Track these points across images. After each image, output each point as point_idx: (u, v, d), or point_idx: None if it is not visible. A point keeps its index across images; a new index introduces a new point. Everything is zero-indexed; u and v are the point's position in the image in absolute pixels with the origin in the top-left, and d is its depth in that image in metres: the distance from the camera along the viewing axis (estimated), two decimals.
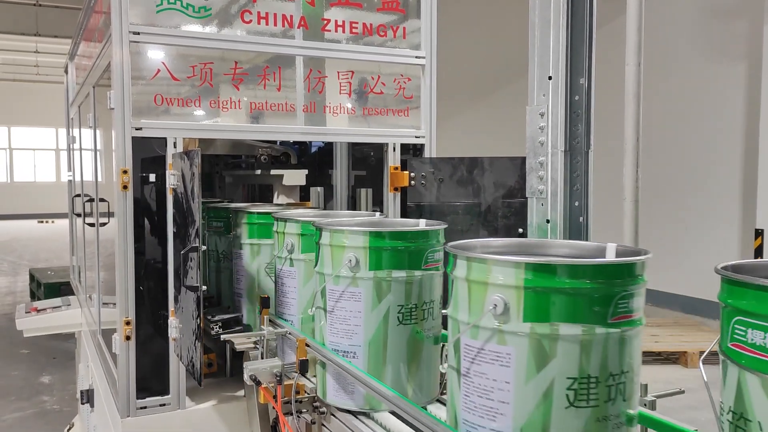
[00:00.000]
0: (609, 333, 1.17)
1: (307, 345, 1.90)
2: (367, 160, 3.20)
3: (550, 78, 1.79)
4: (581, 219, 1.83)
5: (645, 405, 1.37)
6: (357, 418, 1.87)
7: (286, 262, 2.18)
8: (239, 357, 2.55)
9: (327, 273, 1.82)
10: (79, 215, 4.19)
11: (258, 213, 2.55)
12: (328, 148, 3.36)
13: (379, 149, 2.90)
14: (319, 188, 3.38)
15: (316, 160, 3.57)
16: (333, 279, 1.78)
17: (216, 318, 2.41)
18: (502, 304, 1.19)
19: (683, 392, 1.43)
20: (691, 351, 5.86)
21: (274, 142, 3.44)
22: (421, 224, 1.94)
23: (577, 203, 1.83)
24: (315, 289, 1.92)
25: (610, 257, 1.36)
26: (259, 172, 3.48)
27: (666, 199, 7.74)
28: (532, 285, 1.17)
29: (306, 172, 3.55)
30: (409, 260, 1.74)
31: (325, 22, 2.66)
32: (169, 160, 2.35)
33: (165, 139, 2.37)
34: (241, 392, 2.54)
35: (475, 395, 1.25)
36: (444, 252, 1.80)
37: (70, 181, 5.01)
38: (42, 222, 21.36)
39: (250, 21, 2.50)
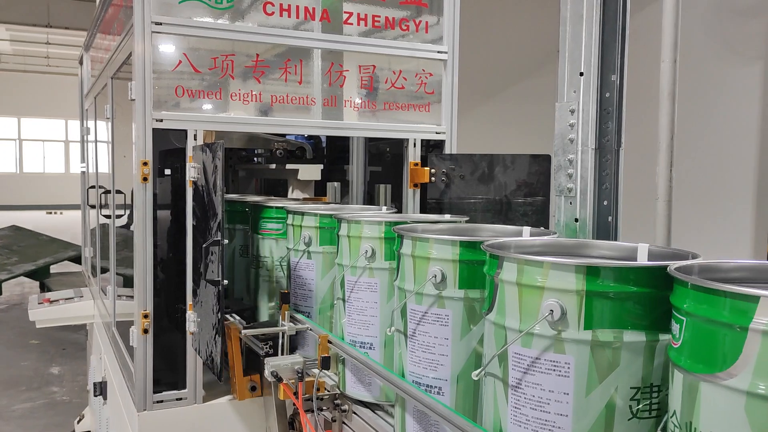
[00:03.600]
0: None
1: (330, 342, 1.88)
2: (383, 155, 3.18)
3: (581, 74, 1.76)
4: (610, 218, 1.80)
5: None
6: (377, 414, 1.85)
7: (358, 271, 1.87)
8: (254, 352, 2.53)
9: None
10: (93, 207, 4.18)
11: (324, 215, 2.19)
12: (343, 144, 3.34)
13: (396, 145, 2.87)
14: (335, 183, 3.36)
15: (333, 155, 3.55)
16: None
17: (264, 337, 2.15)
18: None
19: None
20: None
21: (291, 135, 3.42)
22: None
23: (606, 202, 1.80)
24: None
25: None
26: (273, 166, 3.47)
27: (677, 200, 7.68)
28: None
29: (321, 167, 3.53)
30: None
31: (347, 15, 2.63)
32: (189, 153, 2.33)
33: (185, 131, 2.36)
34: None
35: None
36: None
37: (83, 172, 5.00)
38: (50, 213, 21.43)
39: (272, 13, 2.47)
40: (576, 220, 1.80)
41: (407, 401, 1.53)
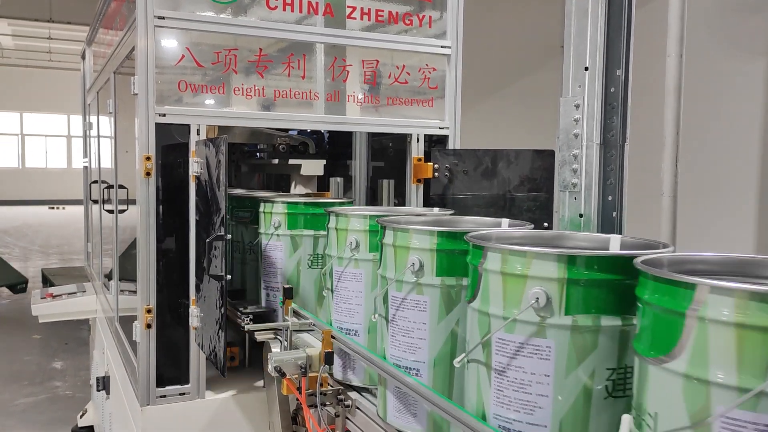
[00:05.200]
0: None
1: (333, 337, 1.88)
2: (385, 150, 3.17)
3: (586, 69, 1.75)
4: (614, 214, 1.80)
5: None
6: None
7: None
8: (257, 347, 2.53)
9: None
10: (96, 202, 4.18)
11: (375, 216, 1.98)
12: (346, 139, 3.34)
13: (399, 140, 2.86)
14: (338, 178, 3.35)
15: (335, 150, 3.55)
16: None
17: (248, 310, 2.37)
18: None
19: None
20: None
21: (294, 130, 3.41)
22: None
23: (610, 197, 1.80)
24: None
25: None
26: (276, 161, 3.46)
27: (680, 196, 7.67)
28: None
29: (324, 162, 3.52)
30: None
31: (350, 9, 2.62)
32: (192, 148, 2.33)
33: (188, 126, 2.35)
34: (260, 382, 2.53)
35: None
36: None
37: (85, 167, 5.00)
38: (53, 208, 21.47)
39: (275, 7, 2.47)
40: (581, 215, 1.80)
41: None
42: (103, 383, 3.45)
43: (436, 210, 2.20)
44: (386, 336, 1.63)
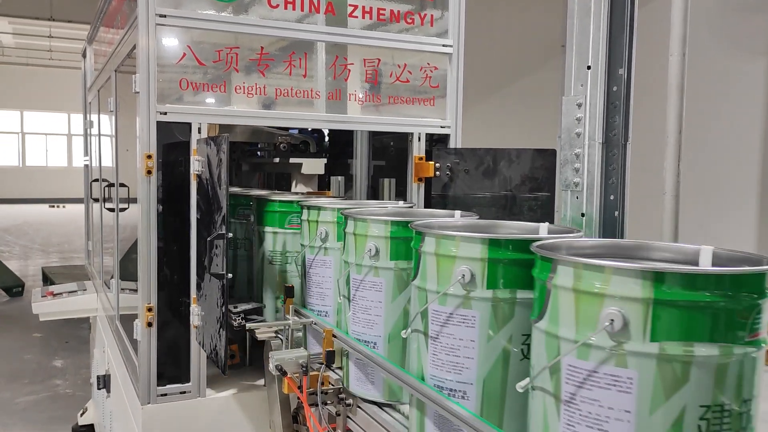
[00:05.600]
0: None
1: (334, 336, 1.87)
2: (386, 149, 3.17)
3: (588, 68, 1.74)
4: (616, 213, 1.79)
5: None
6: (383, 409, 1.84)
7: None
8: (258, 346, 2.53)
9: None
10: (96, 200, 4.18)
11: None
12: (347, 138, 3.33)
13: (400, 139, 2.86)
14: (339, 177, 3.35)
15: (336, 149, 3.54)
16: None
17: (239, 309, 2.38)
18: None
19: None
20: None
21: (295, 129, 3.41)
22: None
23: (612, 197, 1.79)
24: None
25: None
26: (277, 160, 3.46)
27: (681, 195, 7.66)
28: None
29: (325, 161, 3.52)
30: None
31: (352, 8, 2.62)
32: (193, 146, 2.33)
33: (189, 124, 2.35)
34: (261, 381, 2.53)
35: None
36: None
37: (86, 165, 5.00)
38: (53, 207, 21.47)
39: (277, 6, 2.46)
40: (582, 214, 1.79)
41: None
42: (104, 382, 3.45)
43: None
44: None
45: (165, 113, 2.29)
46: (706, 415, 1.01)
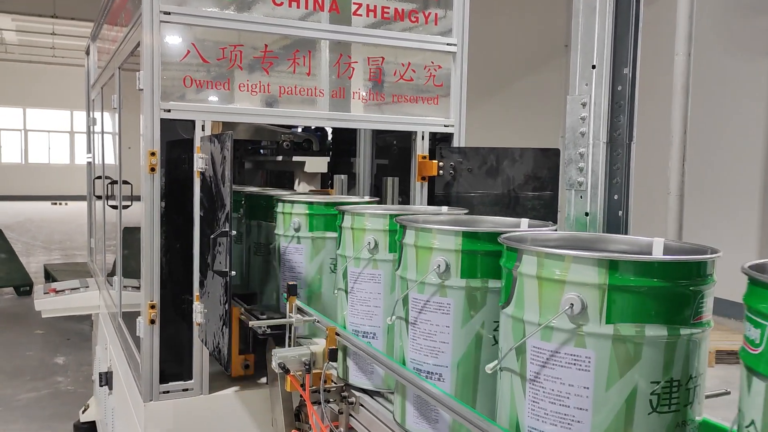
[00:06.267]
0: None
1: (337, 334, 1.87)
2: (390, 148, 3.16)
3: (593, 67, 1.74)
4: (620, 213, 1.79)
5: None
6: (386, 408, 1.84)
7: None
8: (260, 344, 2.52)
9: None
10: (99, 197, 4.18)
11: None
12: (350, 136, 3.33)
13: (403, 138, 2.86)
14: (342, 176, 3.35)
15: (339, 147, 3.54)
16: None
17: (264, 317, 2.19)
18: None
19: (729, 393, 1.40)
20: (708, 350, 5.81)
21: (297, 128, 3.41)
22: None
23: (616, 196, 1.79)
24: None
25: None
26: (280, 158, 3.46)
27: (684, 196, 7.64)
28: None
29: (328, 159, 3.52)
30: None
31: (356, 6, 2.61)
32: (197, 143, 2.33)
33: (193, 122, 2.35)
34: (263, 379, 2.53)
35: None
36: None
37: (89, 163, 5.00)
38: (55, 204, 21.49)
39: (281, 3, 2.46)
40: (586, 214, 1.79)
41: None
42: (106, 379, 3.45)
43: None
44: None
45: (169, 110, 2.29)
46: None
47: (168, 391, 2.38)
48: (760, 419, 0.93)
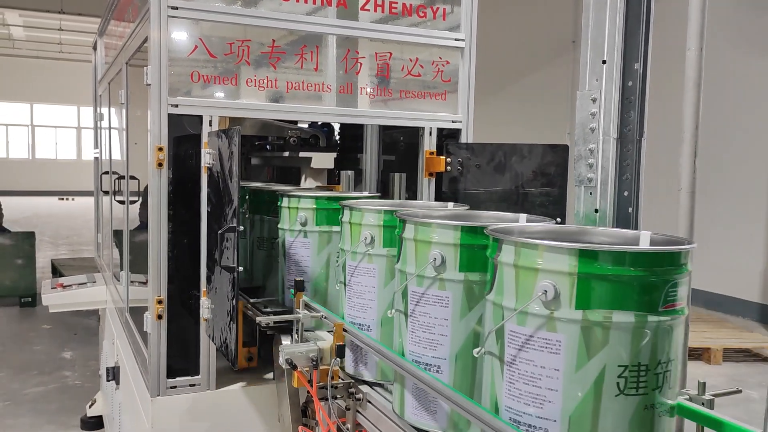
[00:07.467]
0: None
1: (345, 330, 1.87)
2: (397, 144, 3.15)
3: (604, 62, 1.72)
4: (630, 209, 1.77)
5: (703, 404, 1.32)
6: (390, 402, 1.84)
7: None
8: (267, 340, 2.52)
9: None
10: (106, 193, 4.19)
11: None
12: (356, 132, 3.32)
13: (410, 133, 2.85)
14: (349, 172, 3.34)
15: (346, 143, 3.53)
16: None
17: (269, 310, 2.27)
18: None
19: (740, 391, 1.39)
20: (714, 347, 5.78)
21: (304, 123, 3.40)
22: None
23: (626, 193, 1.77)
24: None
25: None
26: (287, 154, 3.45)
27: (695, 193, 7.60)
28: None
29: (335, 155, 3.51)
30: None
31: (363, 1, 2.60)
32: (204, 139, 2.32)
33: (200, 117, 2.35)
34: (270, 375, 2.53)
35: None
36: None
37: (96, 158, 5.01)
38: (63, 199, 21.57)
39: None
40: (596, 210, 1.78)
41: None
42: (113, 373, 3.46)
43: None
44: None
45: (176, 105, 2.29)
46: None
47: (175, 387, 2.38)
48: None
